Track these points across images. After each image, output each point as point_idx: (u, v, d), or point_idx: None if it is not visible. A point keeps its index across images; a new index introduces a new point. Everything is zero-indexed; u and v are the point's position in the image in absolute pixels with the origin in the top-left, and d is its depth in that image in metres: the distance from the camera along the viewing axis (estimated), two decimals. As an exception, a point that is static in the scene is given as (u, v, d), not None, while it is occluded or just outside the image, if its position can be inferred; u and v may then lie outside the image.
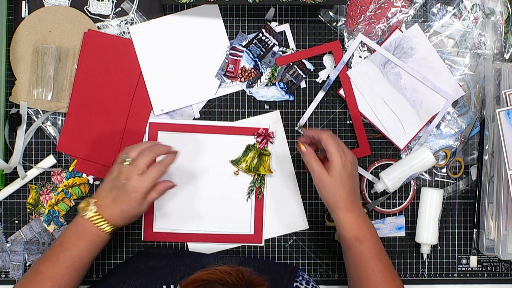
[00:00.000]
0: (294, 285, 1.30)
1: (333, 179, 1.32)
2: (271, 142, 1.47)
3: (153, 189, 1.33)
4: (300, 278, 1.32)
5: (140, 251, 1.47)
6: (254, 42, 1.46)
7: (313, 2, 1.40)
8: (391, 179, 1.44)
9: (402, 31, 1.46)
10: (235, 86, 1.47)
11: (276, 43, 1.46)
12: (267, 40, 1.46)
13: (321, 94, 1.47)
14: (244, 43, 1.46)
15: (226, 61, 1.46)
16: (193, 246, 1.48)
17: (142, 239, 1.47)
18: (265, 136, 1.47)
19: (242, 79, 1.46)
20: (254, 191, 1.47)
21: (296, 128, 1.48)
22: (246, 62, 1.46)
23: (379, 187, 1.45)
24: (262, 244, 1.48)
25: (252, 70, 1.46)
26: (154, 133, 1.45)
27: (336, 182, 1.32)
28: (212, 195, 1.47)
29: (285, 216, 1.48)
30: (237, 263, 1.32)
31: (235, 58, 1.46)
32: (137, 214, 1.33)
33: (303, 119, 1.48)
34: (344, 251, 1.35)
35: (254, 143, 1.47)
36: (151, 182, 1.31)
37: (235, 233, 1.48)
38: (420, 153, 1.43)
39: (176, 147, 1.39)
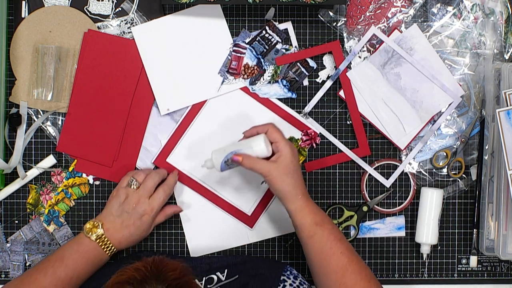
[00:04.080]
0: (281, 278, 1.30)
1: (288, 168, 1.30)
2: (313, 146, 1.47)
3: (161, 212, 1.39)
4: (288, 272, 1.32)
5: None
6: (257, 39, 1.46)
7: (313, 2, 1.40)
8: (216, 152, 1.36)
9: (401, 31, 1.46)
10: (238, 83, 1.47)
11: (280, 40, 1.46)
12: (270, 37, 1.46)
13: (328, 83, 1.47)
14: (247, 40, 1.46)
15: (229, 58, 1.47)
16: (187, 197, 1.47)
17: (152, 161, 1.47)
18: (311, 138, 1.46)
19: (245, 76, 1.46)
20: None
21: (301, 115, 1.47)
22: (249, 59, 1.46)
23: (208, 164, 1.37)
24: (252, 229, 1.47)
25: (255, 67, 1.46)
26: None
27: (291, 170, 1.31)
28: None
29: (285, 216, 1.48)
30: (223, 262, 1.34)
31: (238, 55, 1.46)
32: (142, 237, 1.38)
33: (309, 107, 1.47)
34: (304, 241, 1.31)
35: (298, 139, 1.47)
36: (160, 205, 1.37)
37: (234, 205, 1.48)
38: (254, 140, 1.34)
39: (232, 103, 1.46)
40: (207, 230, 1.48)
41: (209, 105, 1.47)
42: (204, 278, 1.29)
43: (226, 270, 1.32)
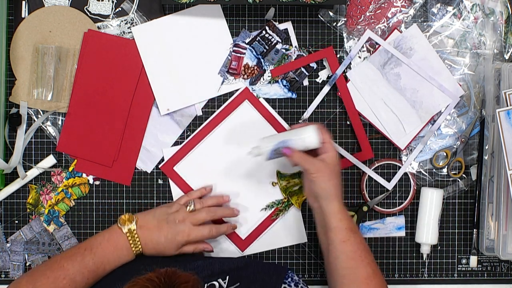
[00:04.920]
0: (282, 286, 1.30)
1: (334, 168, 1.33)
2: None
3: (194, 243, 1.39)
4: (289, 279, 1.32)
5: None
6: (257, 39, 1.46)
7: (313, 2, 1.40)
8: (264, 140, 1.36)
9: (401, 32, 1.46)
10: (238, 83, 1.47)
11: (280, 40, 1.47)
12: (270, 37, 1.46)
13: (326, 89, 1.47)
14: (247, 40, 1.46)
15: (229, 58, 1.47)
16: None
17: (159, 166, 1.47)
18: None
19: (245, 76, 1.46)
20: (273, 209, 1.47)
21: (300, 121, 1.47)
22: (249, 59, 1.46)
23: (254, 151, 1.36)
24: (243, 254, 1.47)
25: (255, 67, 1.46)
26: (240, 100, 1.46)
27: (337, 172, 1.33)
28: (240, 181, 1.47)
29: (285, 230, 1.48)
30: (225, 266, 1.33)
31: (238, 55, 1.46)
32: (165, 253, 1.36)
33: (308, 113, 1.47)
34: (336, 244, 1.31)
35: None
36: (198, 238, 1.38)
37: None
38: (305, 130, 1.34)
39: (251, 128, 1.46)
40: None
41: (227, 124, 1.47)
42: (206, 285, 1.29)
43: (227, 277, 1.32)
